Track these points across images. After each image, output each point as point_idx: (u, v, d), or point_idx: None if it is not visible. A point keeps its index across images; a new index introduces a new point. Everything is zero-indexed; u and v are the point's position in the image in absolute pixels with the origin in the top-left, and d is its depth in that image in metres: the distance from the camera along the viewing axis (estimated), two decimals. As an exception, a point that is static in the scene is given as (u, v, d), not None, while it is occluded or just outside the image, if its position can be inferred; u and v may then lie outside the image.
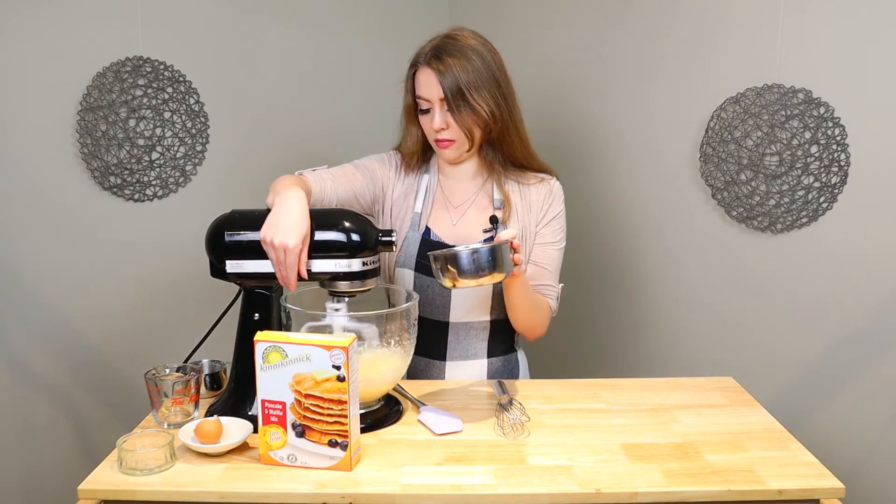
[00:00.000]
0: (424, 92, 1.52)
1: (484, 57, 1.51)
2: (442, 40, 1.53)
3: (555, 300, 1.62)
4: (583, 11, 2.16)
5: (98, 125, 2.07)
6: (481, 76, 1.50)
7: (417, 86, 1.54)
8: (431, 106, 1.53)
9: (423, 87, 1.53)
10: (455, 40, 1.52)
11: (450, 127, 1.53)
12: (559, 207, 1.63)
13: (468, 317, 1.62)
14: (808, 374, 1.91)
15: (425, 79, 1.52)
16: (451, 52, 1.50)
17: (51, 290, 2.10)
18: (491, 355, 1.65)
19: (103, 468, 1.21)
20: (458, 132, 1.53)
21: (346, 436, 1.18)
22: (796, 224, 1.87)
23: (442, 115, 1.52)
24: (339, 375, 1.16)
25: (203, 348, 1.48)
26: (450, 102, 1.50)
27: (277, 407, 1.19)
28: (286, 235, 1.27)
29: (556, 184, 1.64)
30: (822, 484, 1.17)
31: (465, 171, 1.64)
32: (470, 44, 1.52)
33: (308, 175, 1.53)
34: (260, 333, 1.19)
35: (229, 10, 2.16)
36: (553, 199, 1.62)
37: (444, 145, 1.56)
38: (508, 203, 1.60)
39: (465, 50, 1.50)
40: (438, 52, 1.51)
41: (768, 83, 1.86)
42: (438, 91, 1.50)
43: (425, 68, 1.52)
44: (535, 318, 1.57)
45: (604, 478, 1.17)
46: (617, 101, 2.13)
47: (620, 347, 2.18)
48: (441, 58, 1.50)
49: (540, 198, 1.61)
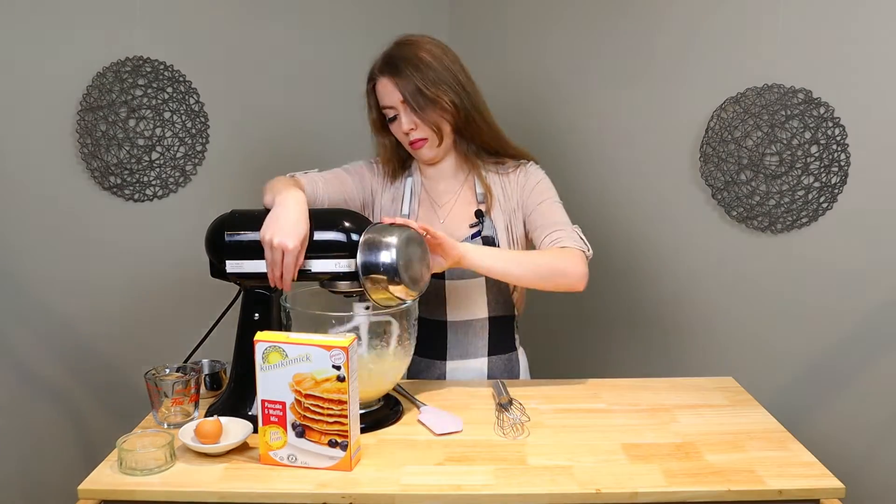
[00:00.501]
0: (387, 100, 1.57)
1: (434, 53, 1.55)
2: (391, 49, 1.58)
3: (571, 241, 1.52)
4: (582, 11, 2.16)
5: (98, 125, 2.07)
6: (435, 71, 1.54)
7: (379, 97, 1.59)
8: (397, 112, 1.56)
9: (384, 97, 1.57)
10: (403, 45, 1.57)
11: (418, 127, 1.56)
12: (537, 178, 1.62)
13: (465, 314, 1.62)
14: (808, 374, 1.91)
15: (383, 88, 1.56)
16: (402, 56, 1.55)
17: (51, 290, 2.10)
18: (492, 353, 1.65)
19: (103, 468, 1.21)
20: (427, 129, 1.56)
21: (346, 436, 1.18)
22: (796, 224, 1.87)
23: (408, 117, 1.55)
24: (339, 375, 1.16)
25: (203, 348, 1.48)
26: (410, 103, 1.53)
27: (277, 407, 1.19)
28: (286, 236, 1.28)
29: (531, 165, 1.65)
30: (822, 484, 1.17)
31: (445, 169, 1.66)
32: (419, 44, 1.56)
33: (300, 178, 1.55)
34: (260, 333, 1.19)
35: (229, 10, 2.16)
36: (528, 176, 1.63)
37: (417, 145, 1.58)
38: (490, 194, 1.62)
39: (415, 50, 1.55)
40: (389, 59, 1.56)
41: (768, 83, 1.86)
42: (398, 95, 1.54)
43: (381, 78, 1.57)
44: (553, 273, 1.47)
45: (604, 478, 1.17)
46: (617, 101, 2.13)
47: (620, 347, 2.18)
48: (393, 63, 1.55)
49: (519, 182, 1.63)
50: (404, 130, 1.57)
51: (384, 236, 1.31)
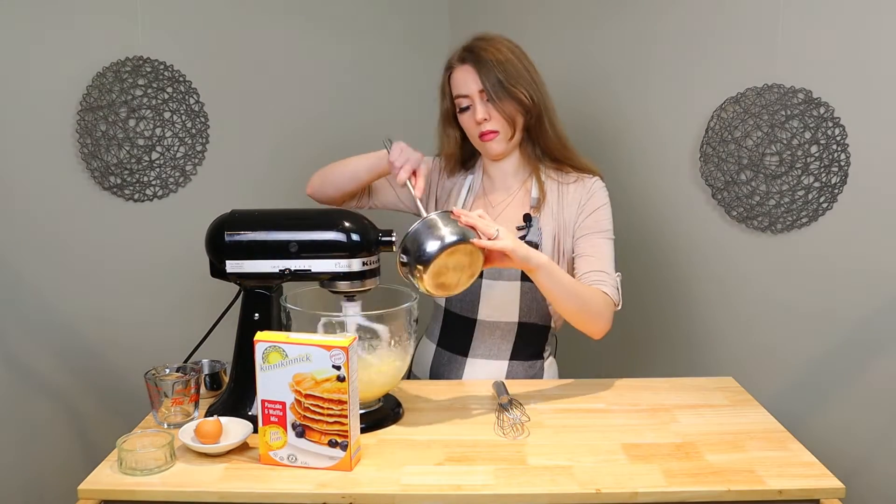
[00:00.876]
0: (462, 89, 1.57)
1: (515, 52, 1.58)
2: (472, 42, 1.60)
3: (612, 288, 1.52)
4: (581, 11, 2.16)
5: (98, 125, 2.07)
6: (515, 67, 1.56)
7: (455, 86, 1.59)
8: (471, 102, 1.57)
9: (460, 85, 1.57)
10: (485, 40, 1.59)
11: (491, 118, 1.56)
12: (600, 202, 1.61)
13: (495, 315, 1.62)
14: (808, 374, 1.91)
15: (462, 75, 1.57)
16: (484, 47, 1.57)
17: (51, 289, 2.10)
18: (514, 358, 1.65)
19: (103, 468, 1.21)
20: (501, 121, 1.56)
21: (346, 436, 1.18)
22: (796, 224, 1.87)
23: (483, 107, 1.56)
24: (339, 375, 1.16)
25: (203, 348, 1.48)
26: (489, 92, 1.54)
27: (277, 407, 1.19)
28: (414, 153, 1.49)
29: (596, 182, 1.63)
30: (822, 484, 1.17)
31: (507, 168, 1.66)
32: (500, 41, 1.59)
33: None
34: (260, 333, 1.19)
35: (229, 10, 2.16)
36: (591, 195, 1.61)
37: (488, 137, 1.58)
38: (544, 199, 1.61)
39: (497, 45, 1.57)
40: (472, 49, 1.58)
41: (768, 83, 1.86)
42: (477, 84, 1.55)
43: (461, 66, 1.58)
44: (582, 309, 1.47)
45: (604, 478, 1.17)
46: (617, 101, 2.12)
47: (620, 347, 2.18)
48: (476, 54, 1.56)
49: (578, 195, 1.61)
50: (477, 120, 1.56)
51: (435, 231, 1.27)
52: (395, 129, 2.33)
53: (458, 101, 1.59)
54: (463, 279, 1.32)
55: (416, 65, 2.35)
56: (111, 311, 2.15)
